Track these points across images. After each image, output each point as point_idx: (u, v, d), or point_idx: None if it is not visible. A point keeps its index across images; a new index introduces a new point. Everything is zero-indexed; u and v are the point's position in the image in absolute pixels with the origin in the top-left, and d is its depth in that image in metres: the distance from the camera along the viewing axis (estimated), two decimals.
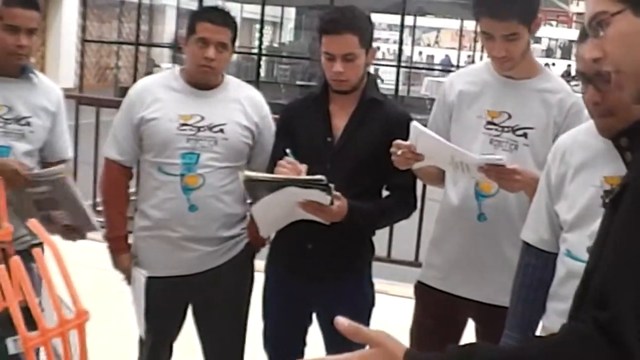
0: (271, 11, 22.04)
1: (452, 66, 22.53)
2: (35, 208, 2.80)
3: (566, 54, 33.60)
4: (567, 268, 2.13)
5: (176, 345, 3.17)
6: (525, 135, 2.61)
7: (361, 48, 2.70)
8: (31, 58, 2.99)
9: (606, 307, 1.17)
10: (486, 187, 2.62)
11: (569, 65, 26.24)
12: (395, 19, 16.12)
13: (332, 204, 2.57)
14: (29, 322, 1.15)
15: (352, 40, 2.67)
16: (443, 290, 2.75)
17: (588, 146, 2.14)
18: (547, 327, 2.20)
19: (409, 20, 17.77)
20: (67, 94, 3.31)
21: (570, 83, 2.84)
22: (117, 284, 3.10)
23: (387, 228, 4.71)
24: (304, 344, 2.97)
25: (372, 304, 2.93)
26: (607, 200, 1.34)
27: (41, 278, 1.25)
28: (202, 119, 2.89)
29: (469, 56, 22.86)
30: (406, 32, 18.44)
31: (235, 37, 2.95)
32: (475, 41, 19.47)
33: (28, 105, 2.91)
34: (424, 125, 2.70)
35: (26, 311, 1.17)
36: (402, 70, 13.45)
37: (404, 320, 2.89)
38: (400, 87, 13.80)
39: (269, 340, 2.97)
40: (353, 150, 2.76)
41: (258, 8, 11.83)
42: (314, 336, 2.95)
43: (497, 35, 2.50)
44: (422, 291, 2.85)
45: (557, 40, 35.13)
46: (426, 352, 1.28)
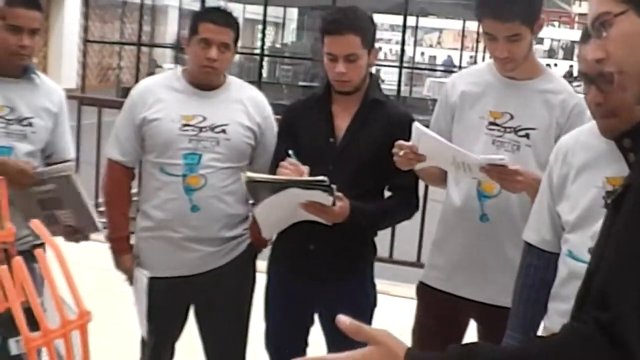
0: (273, 12, 22.05)
1: (455, 67, 22.52)
2: (39, 207, 2.80)
3: (568, 55, 33.57)
4: (569, 269, 2.13)
5: (178, 345, 3.17)
6: (527, 136, 2.60)
7: (363, 49, 2.69)
8: (33, 58, 2.98)
9: (608, 308, 1.17)
10: (488, 188, 2.61)
11: (571, 66, 26.23)
12: (398, 19, 16.15)
13: (334, 204, 2.57)
14: (31, 323, 1.15)
15: (354, 41, 2.67)
16: (445, 290, 2.75)
17: (590, 147, 2.14)
18: (549, 327, 2.20)
19: (411, 20, 17.76)
20: (69, 95, 3.31)
21: (572, 84, 2.84)
22: (119, 284, 3.10)
23: (389, 229, 4.70)
24: (305, 344, 2.97)
25: (374, 304, 2.93)
26: (609, 201, 1.34)
27: (43, 279, 1.25)
28: (204, 119, 2.89)
29: (471, 57, 22.82)
30: (408, 33, 18.43)
31: (238, 37, 2.94)
32: (477, 42, 19.42)
33: (30, 105, 2.91)
34: (426, 126, 2.70)
35: (28, 312, 1.17)
36: (404, 70, 13.46)
37: (405, 320, 2.89)
38: (403, 87, 13.84)
39: (271, 341, 2.98)
40: (355, 150, 2.76)
41: (260, 9, 11.85)
42: (315, 337, 2.95)
43: (499, 36, 2.50)
44: (424, 292, 2.84)
45: (559, 41, 35.09)
46: (427, 352, 1.28)
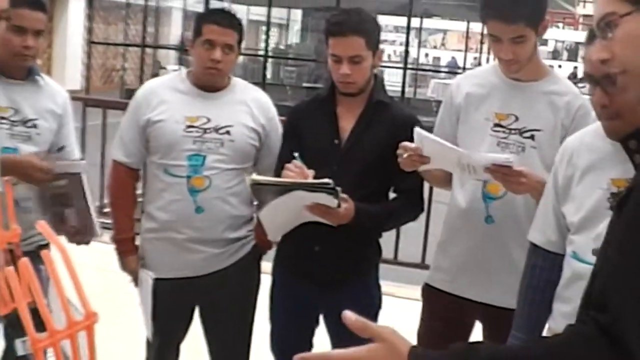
0: (277, 13, 22.10)
1: (459, 68, 22.54)
2: (50, 203, 2.81)
3: (572, 56, 33.54)
4: (573, 270, 2.12)
5: (183, 346, 3.17)
6: (532, 137, 2.60)
7: (368, 50, 2.69)
8: (37, 60, 2.98)
9: (608, 309, 1.17)
10: (493, 190, 2.61)
11: (575, 68, 26.20)
12: (402, 20, 16.14)
13: (339, 206, 2.57)
14: (37, 324, 1.15)
15: (358, 43, 2.67)
16: (450, 292, 2.75)
17: (595, 148, 2.13)
18: (553, 328, 2.20)
19: (415, 22, 17.76)
20: (73, 96, 3.30)
21: (576, 85, 2.84)
22: (124, 285, 3.11)
23: (394, 230, 4.70)
24: (310, 346, 2.97)
25: (379, 306, 2.93)
26: (614, 203, 1.34)
27: (48, 279, 1.25)
28: (209, 120, 2.89)
29: (475, 58, 22.79)
30: (412, 34, 18.41)
31: (242, 39, 2.95)
32: (481, 43, 19.37)
33: (34, 107, 2.91)
34: (430, 128, 2.70)
35: (34, 313, 1.17)
36: (408, 72, 13.46)
37: (410, 322, 2.88)
38: (407, 89, 13.83)
39: (276, 342, 2.98)
40: (360, 152, 2.76)
41: (264, 10, 11.87)
42: (320, 338, 2.95)
43: (504, 37, 2.49)
44: (429, 293, 2.84)
45: (563, 42, 35.06)
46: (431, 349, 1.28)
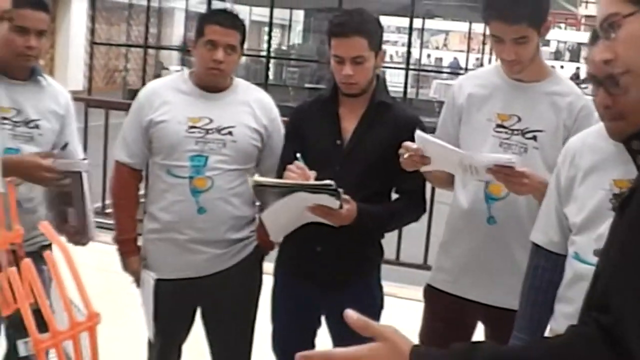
0: (280, 14, 22.06)
1: (461, 69, 22.56)
2: (56, 201, 2.81)
3: (575, 57, 33.55)
4: (575, 270, 2.12)
5: (185, 347, 3.17)
6: (534, 138, 2.60)
7: (370, 51, 2.69)
8: (40, 60, 2.98)
9: (609, 310, 1.17)
10: (496, 190, 2.61)
11: (577, 68, 26.22)
12: (404, 21, 16.18)
13: (341, 207, 2.56)
14: (39, 325, 1.15)
15: (361, 43, 2.67)
16: (452, 293, 2.75)
17: (598, 149, 2.13)
18: (555, 329, 2.19)
19: (417, 22, 17.76)
20: (75, 97, 3.30)
21: (579, 86, 2.83)
22: (126, 286, 3.11)
23: (396, 230, 4.70)
24: (312, 346, 2.96)
25: (381, 306, 2.93)
26: (616, 204, 1.34)
27: (50, 280, 1.25)
28: (211, 121, 2.89)
29: (477, 59, 22.82)
30: (414, 35, 18.44)
31: (244, 39, 2.95)
32: (483, 44, 19.41)
33: (37, 108, 2.90)
34: (433, 129, 2.70)
35: (36, 313, 1.17)
36: (410, 72, 13.46)
37: (412, 323, 2.88)
38: (409, 89, 13.83)
39: (278, 343, 2.98)
40: (362, 153, 2.76)
41: (266, 11, 11.87)
42: (322, 339, 2.95)
43: (506, 38, 2.49)
44: (431, 294, 2.84)
45: (565, 42, 35.09)
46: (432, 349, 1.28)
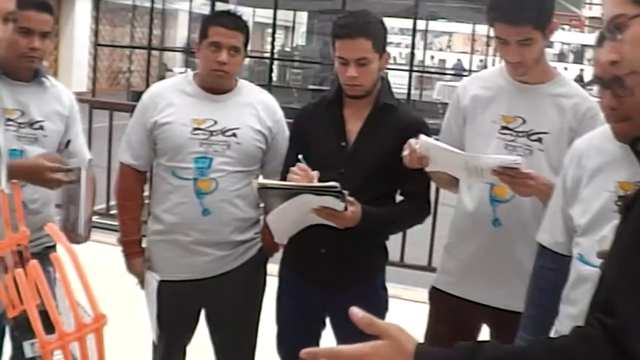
0: (283, 15, 22.07)
1: (464, 70, 22.58)
2: (67, 199, 2.81)
3: (578, 59, 33.57)
4: (579, 272, 2.12)
5: (189, 349, 3.17)
6: (539, 140, 2.59)
7: (375, 53, 2.69)
8: (44, 62, 2.99)
9: (613, 313, 1.17)
10: (501, 192, 2.60)
11: (581, 70, 26.22)
12: (408, 23, 16.19)
13: (346, 209, 2.56)
14: (45, 326, 1.15)
15: (365, 45, 2.67)
16: (457, 295, 2.75)
17: (604, 151, 2.13)
18: (559, 330, 2.18)
19: (421, 24, 17.77)
20: (79, 98, 3.30)
21: (583, 88, 2.83)
22: (131, 287, 3.11)
23: (400, 232, 4.70)
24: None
25: (386, 308, 2.92)
26: (622, 206, 1.33)
27: (56, 280, 1.25)
28: (215, 123, 2.90)
29: (481, 60, 22.86)
30: (418, 37, 18.42)
31: (248, 41, 2.95)
32: (487, 45, 19.44)
33: (41, 109, 2.91)
34: (437, 130, 2.70)
35: (42, 315, 1.17)
36: (414, 74, 13.47)
37: (417, 324, 2.88)
38: (412, 91, 13.83)
39: (282, 345, 2.97)
40: (367, 155, 2.75)
41: (270, 12, 11.89)
42: (327, 341, 2.95)
43: (511, 40, 2.49)
44: (436, 296, 2.84)
45: (569, 44, 35.06)
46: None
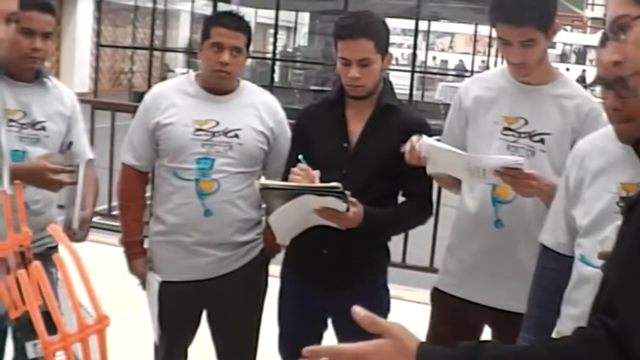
0: (285, 16, 22.07)
1: (466, 71, 22.54)
2: (72, 198, 2.82)
3: (581, 59, 33.52)
4: (580, 273, 2.12)
5: (191, 349, 3.17)
6: (542, 141, 2.59)
7: (377, 53, 2.69)
8: (46, 62, 2.99)
9: (616, 314, 1.17)
10: (503, 194, 2.60)
11: (583, 71, 26.18)
12: (410, 23, 16.16)
13: (348, 210, 2.56)
14: (48, 327, 1.15)
15: (367, 46, 2.66)
16: (459, 296, 2.75)
17: (606, 152, 2.13)
18: (561, 331, 2.18)
19: (423, 25, 17.71)
20: (82, 99, 3.31)
21: (586, 89, 2.82)
22: (132, 288, 3.11)
23: (402, 233, 4.69)
24: None
25: (388, 309, 2.92)
26: (624, 207, 1.33)
27: (58, 281, 1.25)
28: (217, 124, 2.90)
29: (483, 61, 22.80)
30: (420, 37, 18.40)
31: (250, 41, 2.95)
32: (489, 46, 19.39)
33: (43, 110, 2.91)
34: (439, 131, 2.70)
35: (44, 315, 1.17)
36: (416, 75, 13.46)
37: (418, 325, 2.86)
38: (414, 92, 13.83)
39: (284, 346, 2.97)
40: (369, 155, 2.75)
41: (272, 13, 11.90)
42: (328, 342, 2.94)
43: (514, 41, 2.48)
44: (438, 297, 2.84)
45: (571, 45, 35.01)
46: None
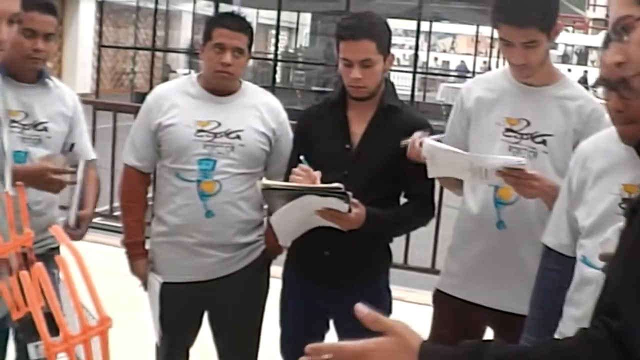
0: (287, 17, 22.06)
1: (468, 72, 22.52)
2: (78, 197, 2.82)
3: (582, 60, 33.52)
4: (582, 274, 2.12)
5: (192, 351, 3.16)
6: (544, 142, 2.59)
7: (379, 54, 2.69)
8: (48, 63, 2.99)
9: (618, 316, 1.17)
10: (505, 195, 2.60)
11: (585, 72, 26.16)
12: (411, 24, 16.14)
13: (350, 211, 2.56)
14: (50, 328, 1.15)
15: (369, 47, 2.66)
16: (461, 298, 2.74)
17: (609, 153, 2.13)
18: (563, 332, 2.18)
19: (424, 25, 17.70)
20: (83, 100, 3.31)
21: (587, 90, 2.82)
22: (134, 289, 3.11)
23: (404, 234, 4.69)
24: None
25: (390, 310, 2.92)
26: (627, 209, 1.33)
27: (60, 282, 1.25)
28: (219, 125, 2.89)
29: (484, 62, 22.79)
30: (422, 38, 18.41)
31: (252, 42, 2.94)
32: (491, 47, 19.39)
33: (45, 110, 2.91)
34: (441, 132, 2.70)
35: (46, 317, 1.17)
36: (417, 75, 13.46)
37: (420, 327, 2.85)
38: (416, 93, 13.83)
39: (286, 347, 2.97)
40: (371, 156, 2.75)
41: (274, 14, 11.92)
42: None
43: (516, 42, 2.48)
44: (440, 299, 2.84)
45: (573, 46, 35.00)
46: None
